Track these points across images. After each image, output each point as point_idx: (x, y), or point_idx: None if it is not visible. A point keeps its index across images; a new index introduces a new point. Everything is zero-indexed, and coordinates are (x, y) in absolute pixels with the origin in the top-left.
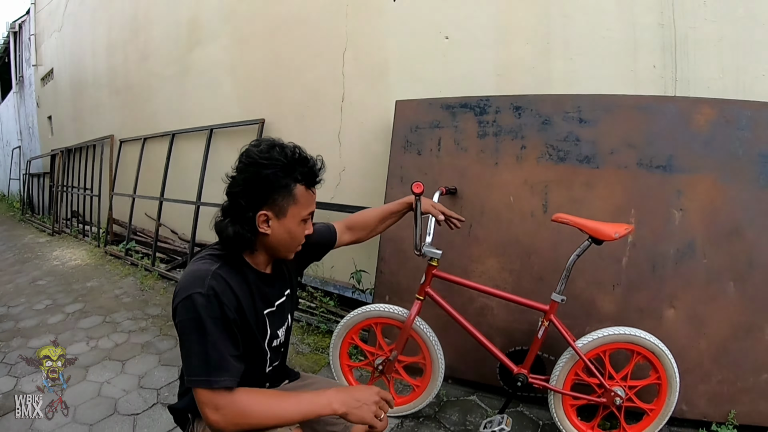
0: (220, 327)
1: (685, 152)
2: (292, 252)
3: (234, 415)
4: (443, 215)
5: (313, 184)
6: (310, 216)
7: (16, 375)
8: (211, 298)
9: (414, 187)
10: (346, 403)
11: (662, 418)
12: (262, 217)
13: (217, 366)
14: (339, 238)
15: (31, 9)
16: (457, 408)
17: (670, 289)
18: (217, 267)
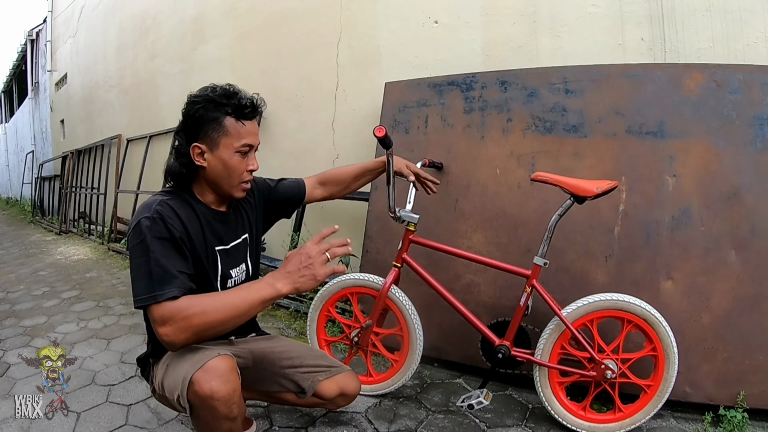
0: (164, 245)
1: (676, 118)
2: (235, 188)
3: (181, 322)
4: (415, 176)
5: (244, 117)
6: (248, 149)
7: (4, 348)
8: (157, 220)
9: (376, 131)
10: (288, 279)
11: (661, 395)
12: (196, 150)
13: (160, 280)
14: (309, 192)
15: (47, 17)
16: (441, 390)
17: (666, 259)
18: (166, 198)
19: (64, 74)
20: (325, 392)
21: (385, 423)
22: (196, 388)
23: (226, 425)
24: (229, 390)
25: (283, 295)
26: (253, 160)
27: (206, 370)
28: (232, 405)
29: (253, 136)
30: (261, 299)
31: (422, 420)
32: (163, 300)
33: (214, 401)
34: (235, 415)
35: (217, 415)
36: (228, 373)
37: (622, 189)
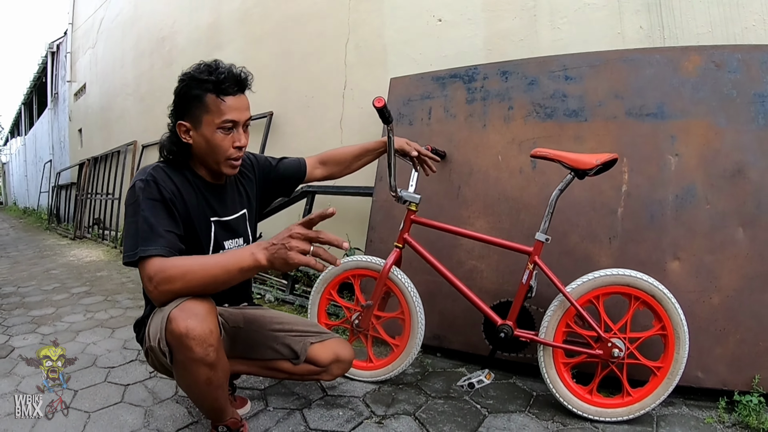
0: (155, 205)
1: (676, 99)
2: (222, 164)
3: (163, 282)
4: (417, 152)
5: (225, 92)
6: (231, 125)
7: (9, 334)
8: (150, 182)
9: (375, 101)
10: (267, 252)
11: (672, 378)
12: (182, 128)
13: (145, 237)
14: (310, 171)
15: (68, 29)
16: (443, 378)
17: (672, 238)
18: (162, 165)
19: (83, 84)
20: (319, 357)
21: (383, 406)
22: (172, 326)
23: (204, 372)
24: (205, 329)
25: (262, 266)
26: (240, 136)
27: (183, 308)
28: (208, 348)
29: (236, 112)
30: (240, 267)
31: (421, 405)
32: (146, 256)
33: (189, 340)
34: (212, 360)
35: (193, 358)
36: (205, 313)
37: (624, 170)
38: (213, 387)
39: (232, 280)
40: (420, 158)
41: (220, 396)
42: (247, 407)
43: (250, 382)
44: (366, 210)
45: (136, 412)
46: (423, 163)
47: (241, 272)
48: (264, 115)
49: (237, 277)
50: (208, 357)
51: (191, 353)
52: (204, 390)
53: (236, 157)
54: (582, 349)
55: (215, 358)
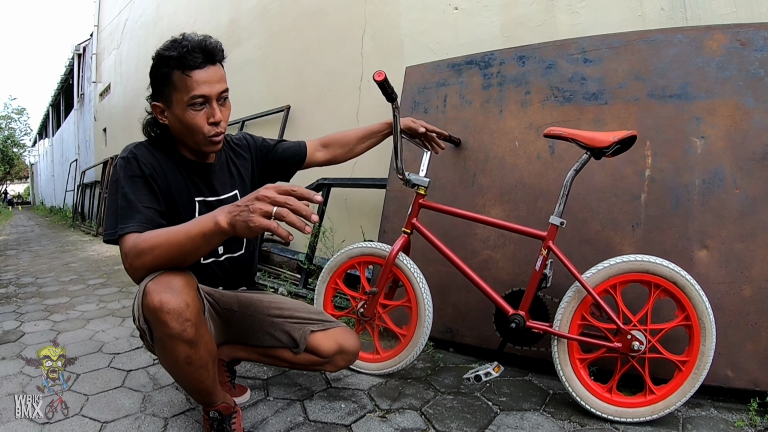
0: (135, 182)
1: (700, 79)
2: (201, 143)
3: (136, 258)
4: (424, 129)
5: (190, 66)
6: (202, 100)
7: (21, 320)
8: (130, 159)
9: (375, 75)
10: (229, 214)
11: (698, 373)
12: (157, 109)
13: (124, 215)
14: (311, 154)
15: (93, 31)
16: (454, 373)
17: (699, 225)
18: (145, 142)
19: (108, 84)
20: (321, 347)
21: (388, 400)
22: (147, 300)
23: (183, 349)
24: (180, 302)
25: (225, 231)
26: (214, 111)
27: (157, 281)
28: (185, 322)
29: (205, 86)
30: (202, 233)
31: (429, 400)
32: (123, 234)
33: (164, 314)
34: (190, 336)
35: (170, 334)
36: (181, 286)
37: (647, 153)
38: (194, 367)
39: (199, 249)
40: (427, 135)
41: (204, 377)
42: (246, 396)
43: (253, 371)
44: (381, 202)
45: (135, 397)
46: (431, 140)
47: (204, 239)
48: (281, 109)
49: (202, 245)
50: (185, 333)
51: (167, 328)
52: (185, 370)
53: (214, 134)
54: (600, 342)
55: (194, 335)
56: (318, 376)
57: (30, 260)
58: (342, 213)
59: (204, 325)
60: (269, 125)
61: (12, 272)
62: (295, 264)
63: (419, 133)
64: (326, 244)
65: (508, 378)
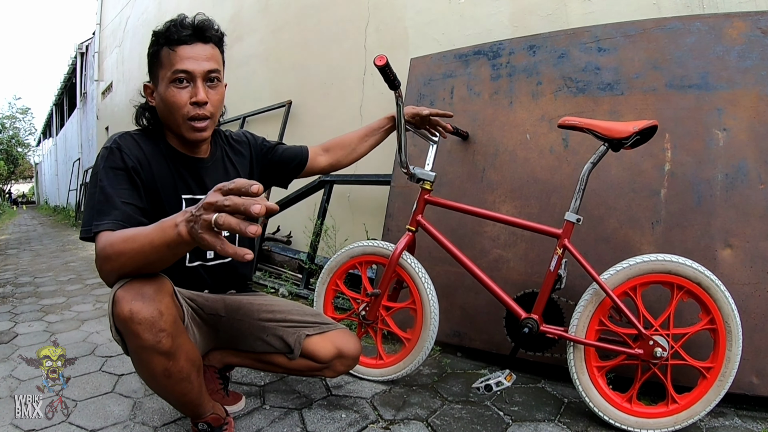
0: (116, 174)
1: (720, 68)
2: (181, 126)
3: (103, 260)
4: (428, 111)
5: (176, 42)
6: (184, 76)
7: (16, 321)
8: (114, 150)
9: (376, 60)
10: (187, 223)
11: (724, 380)
12: (147, 90)
13: (100, 210)
14: (312, 159)
15: (96, 30)
16: (462, 380)
17: (722, 223)
18: (133, 132)
19: (110, 83)
20: (318, 351)
21: (392, 410)
22: (117, 310)
23: (159, 362)
24: (152, 311)
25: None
26: (198, 90)
27: (127, 288)
28: (159, 333)
29: (190, 61)
30: (166, 243)
31: (435, 409)
32: (97, 231)
33: (135, 324)
34: (166, 348)
35: (144, 346)
36: (153, 292)
37: (667, 147)
38: (174, 380)
39: (165, 259)
40: (432, 120)
41: (186, 390)
42: (241, 404)
43: (249, 377)
44: (385, 199)
45: (125, 404)
46: (437, 125)
47: (169, 248)
48: (283, 104)
49: (167, 255)
50: (160, 344)
51: (140, 340)
52: (164, 383)
53: (194, 115)
54: (619, 348)
55: (170, 346)
56: (317, 382)
57: (30, 259)
58: (345, 211)
59: (182, 333)
60: (271, 121)
61: (11, 271)
62: (296, 263)
63: (423, 116)
64: (328, 243)
65: (519, 385)
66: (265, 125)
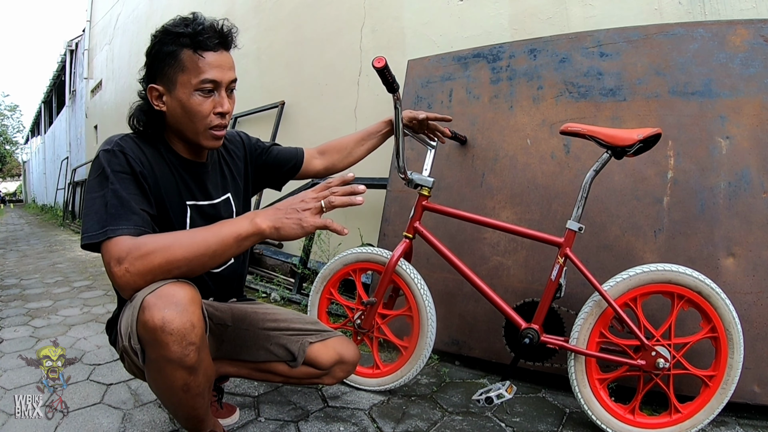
0: (125, 179)
1: (724, 76)
2: (201, 135)
3: (139, 260)
4: (425, 115)
5: (203, 47)
6: (211, 86)
7: (2, 325)
8: (117, 153)
9: (375, 62)
10: (271, 216)
11: (726, 388)
12: (154, 93)
13: (116, 214)
14: (308, 161)
15: (86, 27)
16: (461, 390)
17: (725, 231)
18: (131, 135)
19: (100, 81)
20: (319, 358)
21: (391, 422)
22: (145, 317)
23: (181, 376)
24: (185, 322)
25: (264, 234)
26: (223, 100)
27: (159, 294)
28: (188, 346)
29: (217, 70)
30: (235, 234)
31: (436, 421)
32: (116, 236)
33: (165, 335)
34: (192, 362)
35: (169, 358)
36: (187, 302)
37: (670, 154)
38: (191, 395)
39: (225, 253)
40: (429, 125)
41: (199, 405)
42: (235, 416)
43: (243, 387)
44: (381, 204)
45: (114, 415)
46: (435, 129)
47: (237, 241)
48: (275, 105)
49: (232, 248)
50: (187, 358)
51: (167, 352)
52: (180, 397)
53: (218, 125)
54: (621, 359)
55: (196, 360)
56: (314, 393)
57: (16, 260)
58: (338, 215)
59: (206, 347)
60: (263, 122)
61: None
62: (288, 268)
63: (421, 120)
64: (321, 247)
65: (520, 395)
66: (258, 126)
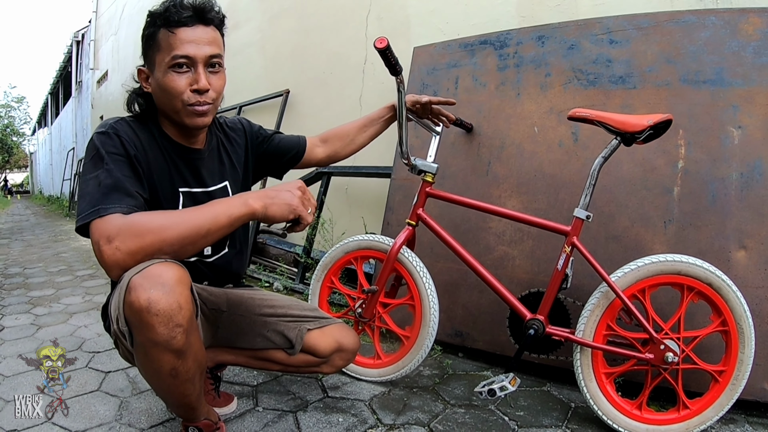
0: (119, 160)
1: (736, 64)
2: (180, 113)
3: (130, 239)
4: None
5: (176, 24)
6: (185, 61)
7: (3, 313)
8: (112, 135)
9: (377, 42)
10: (261, 198)
11: (736, 384)
12: (142, 75)
13: (108, 194)
14: (310, 150)
15: (92, 17)
16: (465, 382)
17: (737, 223)
18: (126, 118)
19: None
20: (318, 346)
21: (392, 414)
22: (131, 297)
23: (168, 360)
24: (172, 303)
25: (255, 214)
26: (199, 76)
27: (146, 274)
28: (175, 328)
29: (190, 45)
30: (228, 214)
31: (437, 414)
32: (107, 214)
33: (151, 316)
34: (179, 345)
35: (156, 341)
36: (174, 282)
37: (681, 143)
38: (180, 380)
39: (218, 232)
40: (433, 109)
41: (189, 391)
42: (233, 405)
43: (242, 376)
44: (385, 193)
45: (111, 403)
46: (438, 114)
47: (229, 220)
48: (280, 93)
49: (224, 228)
50: (174, 341)
51: (153, 334)
52: (168, 383)
53: (195, 102)
54: (629, 352)
55: (183, 343)
56: (313, 383)
57: (21, 250)
58: (342, 203)
59: (195, 331)
60: (267, 111)
61: (1, 262)
62: (291, 257)
63: (423, 104)
64: (325, 236)
65: (524, 388)
66: (262, 115)
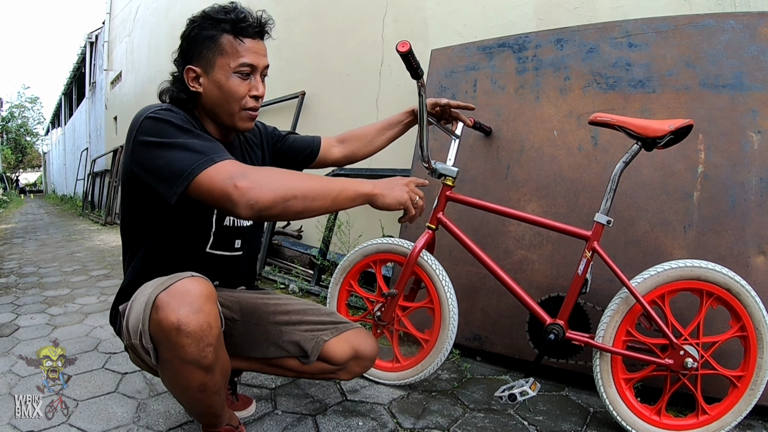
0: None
1: (755, 68)
2: (236, 116)
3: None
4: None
5: (243, 33)
6: (249, 69)
7: (18, 313)
8: (176, 111)
9: (399, 46)
10: (380, 187)
11: (755, 389)
12: (190, 74)
13: (212, 148)
14: (325, 150)
15: (106, 19)
16: (483, 386)
17: (756, 228)
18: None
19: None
20: (335, 354)
21: (411, 418)
22: (159, 317)
23: (198, 376)
24: (202, 323)
25: (374, 199)
26: (258, 84)
27: (173, 293)
28: (206, 348)
29: (255, 56)
30: (355, 188)
31: (457, 418)
32: (221, 161)
33: (181, 337)
34: (210, 362)
35: (185, 359)
36: (203, 300)
37: (700, 148)
38: (208, 394)
39: (343, 203)
40: (452, 112)
41: (215, 402)
42: (251, 408)
43: (259, 379)
44: None
45: (128, 405)
46: (457, 116)
47: (356, 193)
48: (296, 95)
49: (348, 200)
50: (205, 359)
51: (183, 353)
52: (196, 397)
53: (252, 107)
54: (649, 357)
55: (213, 360)
56: (332, 386)
57: (35, 249)
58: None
59: (222, 345)
60: (283, 112)
61: (15, 261)
62: (307, 259)
63: (442, 106)
64: (341, 238)
65: (543, 393)
66: (278, 116)
